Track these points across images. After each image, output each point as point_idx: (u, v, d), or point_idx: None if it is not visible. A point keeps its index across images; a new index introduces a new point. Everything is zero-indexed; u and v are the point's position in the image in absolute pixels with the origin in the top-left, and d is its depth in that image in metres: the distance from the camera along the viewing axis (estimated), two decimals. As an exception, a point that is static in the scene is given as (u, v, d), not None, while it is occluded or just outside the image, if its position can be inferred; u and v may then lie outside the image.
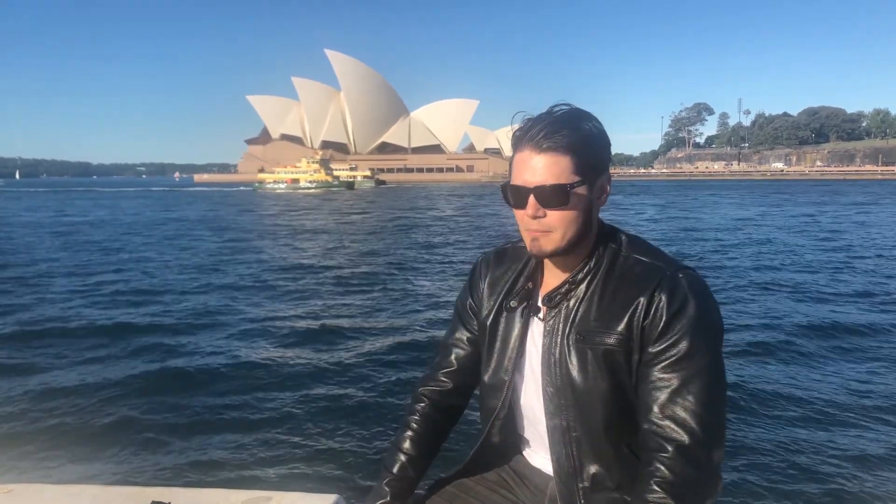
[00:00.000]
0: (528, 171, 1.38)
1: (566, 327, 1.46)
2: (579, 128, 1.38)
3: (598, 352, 1.41)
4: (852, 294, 12.86)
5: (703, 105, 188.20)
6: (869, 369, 7.83)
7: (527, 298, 1.56)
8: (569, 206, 1.38)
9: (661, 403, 1.35)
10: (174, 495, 2.00)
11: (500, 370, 1.58)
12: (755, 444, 5.73)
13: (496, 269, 1.65)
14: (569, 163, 1.36)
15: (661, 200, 55.29)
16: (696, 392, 1.34)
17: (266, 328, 10.49)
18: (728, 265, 17.31)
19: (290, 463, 5.53)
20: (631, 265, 1.44)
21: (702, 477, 1.33)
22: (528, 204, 1.38)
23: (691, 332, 1.35)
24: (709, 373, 1.36)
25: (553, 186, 1.36)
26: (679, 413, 1.34)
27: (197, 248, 22.91)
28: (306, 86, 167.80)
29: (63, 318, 11.17)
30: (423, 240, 25.64)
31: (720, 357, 1.40)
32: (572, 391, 1.44)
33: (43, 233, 29.44)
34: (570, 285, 1.48)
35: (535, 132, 1.37)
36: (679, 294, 1.37)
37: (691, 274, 1.42)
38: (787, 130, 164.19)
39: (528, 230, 1.43)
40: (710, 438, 1.34)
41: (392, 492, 1.63)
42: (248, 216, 42.37)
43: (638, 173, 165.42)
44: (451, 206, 51.35)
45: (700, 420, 1.33)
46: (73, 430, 6.20)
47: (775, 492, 4.93)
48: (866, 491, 4.90)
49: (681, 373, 1.35)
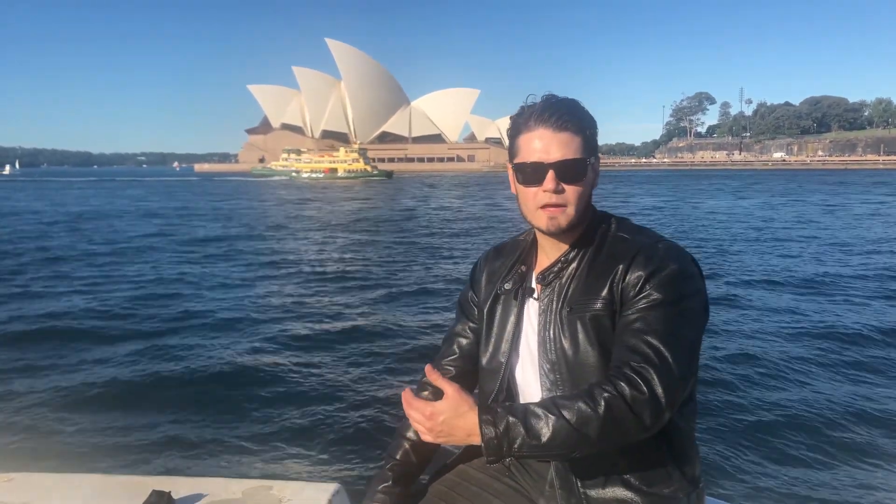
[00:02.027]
0: (545, 148, 1.47)
1: (559, 303, 1.53)
2: (583, 111, 1.52)
3: (586, 319, 1.48)
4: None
5: (705, 94, 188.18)
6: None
7: (521, 281, 1.64)
8: (583, 181, 1.50)
9: (623, 339, 1.41)
10: (175, 484, 2.00)
11: (497, 353, 1.64)
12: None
13: (494, 262, 1.74)
14: (581, 142, 1.49)
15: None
16: (658, 330, 1.38)
17: (268, 318, 10.50)
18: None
19: (290, 452, 5.53)
20: (617, 242, 1.53)
21: (645, 399, 1.32)
22: (545, 179, 1.47)
23: (664, 287, 1.42)
24: (676, 320, 1.40)
25: (574, 161, 1.47)
26: (638, 343, 1.38)
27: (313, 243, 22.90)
28: (307, 75, 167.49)
29: (72, 310, 11.19)
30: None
31: (694, 317, 1.45)
32: (566, 365, 1.49)
33: (143, 223, 29.38)
34: (563, 264, 1.56)
35: (547, 114, 1.47)
36: (655, 258, 1.45)
37: (670, 243, 1.51)
38: (788, 120, 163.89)
39: (543, 206, 1.50)
40: (664, 367, 1.34)
41: (394, 477, 1.68)
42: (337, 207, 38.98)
43: (639, 163, 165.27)
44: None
45: (657, 350, 1.36)
46: (74, 420, 6.21)
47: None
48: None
49: (648, 316, 1.40)
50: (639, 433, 1.34)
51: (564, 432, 1.31)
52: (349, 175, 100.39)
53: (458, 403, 1.38)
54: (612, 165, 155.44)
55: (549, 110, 1.48)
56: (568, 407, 1.32)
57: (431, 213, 34.21)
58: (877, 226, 24.60)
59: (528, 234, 1.70)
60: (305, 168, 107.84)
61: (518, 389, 1.63)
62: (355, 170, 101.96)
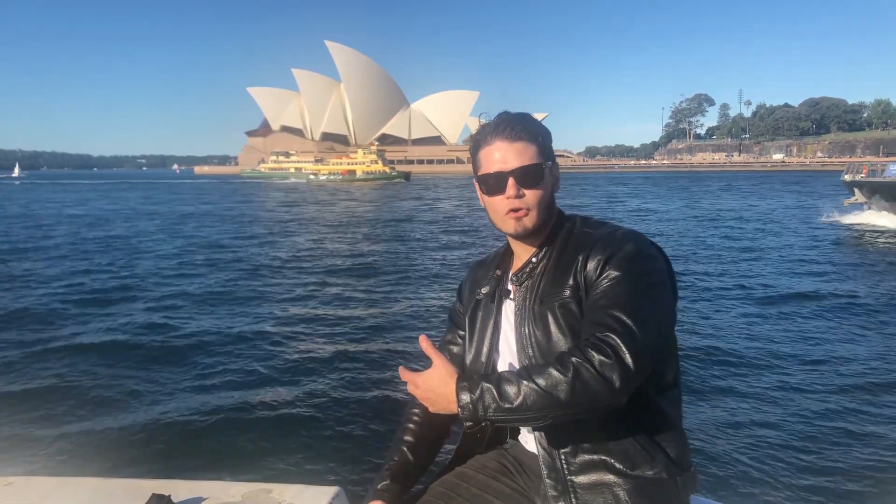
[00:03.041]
0: (503, 158, 1.58)
1: (532, 299, 1.61)
2: (534, 122, 1.64)
3: (556, 308, 1.56)
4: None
5: (704, 96, 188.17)
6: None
7: (497, 284, 1.74)
8: (542, 185, 1.61)
9: (591, 317, 1.48)
10: (174, 488, 2.00)
11: (479, 356, 1.72)
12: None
13: (477, 272, 1.85)
14: (535, 149, 1.60)
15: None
16: (621, 304, 1.45)
17: (267, 319, 10.50)
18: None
19: (290, 455, 5.53)
20: (580, 236, 1.63)
21: (611, 363, 1.37)
22: (507, 186, 1.58)
23: (623, 265, 1.50)
24: (638, 295, 1.47)
25: (531, 166, 1.58)
26: (603, 316, 1.44)
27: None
28: (306, 77, 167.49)
29: (75, 311, 11.19)
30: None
31: (655, 290, 1.51)
32: (542, 356, 1.54)
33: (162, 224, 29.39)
34: (534, 264, 1.66)
35: (501, 128, 1.60)
36: (613, 243, 1.54)
37: (629, 230, 1.60)
38: (788, 121, 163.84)
39: (507, 213, 1.60)
40: (628, 334, 1.40)
41: (393, 479, 1.70)
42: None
43: (638, 164, 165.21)
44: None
45: (620, 321, 1.42)
46: (73, 423, 6.20)
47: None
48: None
49: (610, 291, 1.48)
50: (609, 397, 1.37)
51: (534, 395, 1.38)
52: (368, 177, 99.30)
53: (441, 373, 1.50)
54: (611, 167, 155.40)
55: (503, 124, 1.60)
56: (538, 373, 1.40)
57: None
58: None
59: (505, 243, 1.79)
60: (323, 170, 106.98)
61: None
62: (374, 171, 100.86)
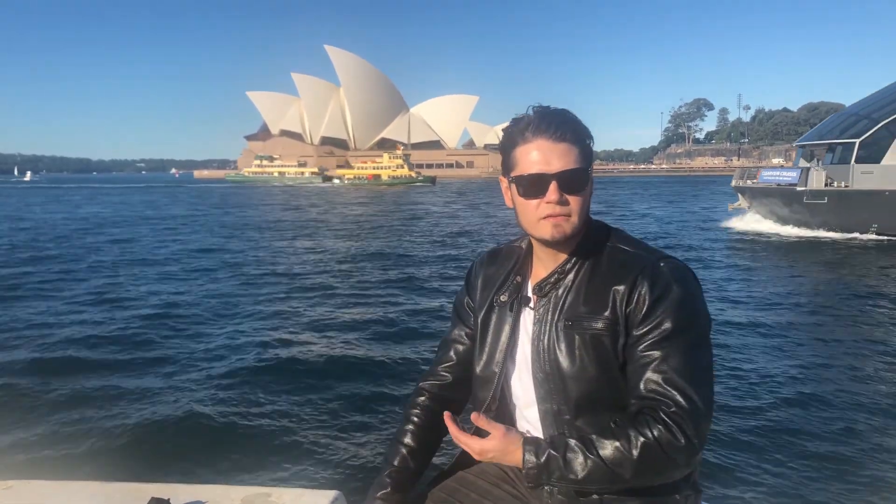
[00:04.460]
0: (545, 159, 1.45)
1: (555, 314, 1.53)
2: (578, 122, 1.51)
3: (586, 337, 1.48)
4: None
5: (703, 101, 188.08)
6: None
7: (517, 291, 1.63)
8: (585, 191, 1.50)
9: (646, 379, 1.42)
10: (173, 491, 1.99)
11: (491, 362, 1.64)
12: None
13: (489, 268, 1.73)
14: (579, 152, 1.48)
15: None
16: (679, 367, 1.40)
17: (267, 323, 10.49)
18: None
19: (290, 459, 5.52)
20: (616, 254, 1.53)
21: (680, 446, 1.37)
22: (549, 191, 1.45)
23: (673, 314, 1.42)
24: (692, 351, 1.43)
25: (576, 170, 1.46)
26: (664, 386, 1.40)
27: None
28: (306, 81, 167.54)
29: (75, 317, 11.18)
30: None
31: (705, 339, 1.47)
32: (560, 375, 1.50)
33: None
34: (560, 275, 1.55)
35: (544, 126, 1.46)
36: (661, 281, 1.45)
37: (673, 261, 1.51)
38: (786, 126, 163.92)
39: (547, 217, 1.48)
40: (694, 411, 1.38)
41: (393, 483, 1.67)
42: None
43: (637, 169, 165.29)
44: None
45: (684, 393, 1.38)
46: (72, 427, 6.19)
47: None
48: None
49: (664, 350, 1.41)
50: (674, 474, 1.41)
51: (600, 472, 1.38)
52: (394, 181, 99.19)
53: (506, 444, 1.45)
54: (610, 171, 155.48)
55: (545, 122, 1.46)
56: (605, 447, 1.39)
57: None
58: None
59: (523, 240, 1.69)
60: (349, 174, 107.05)
61: (512, 398, 1.64)
62: (399, 176, 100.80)
